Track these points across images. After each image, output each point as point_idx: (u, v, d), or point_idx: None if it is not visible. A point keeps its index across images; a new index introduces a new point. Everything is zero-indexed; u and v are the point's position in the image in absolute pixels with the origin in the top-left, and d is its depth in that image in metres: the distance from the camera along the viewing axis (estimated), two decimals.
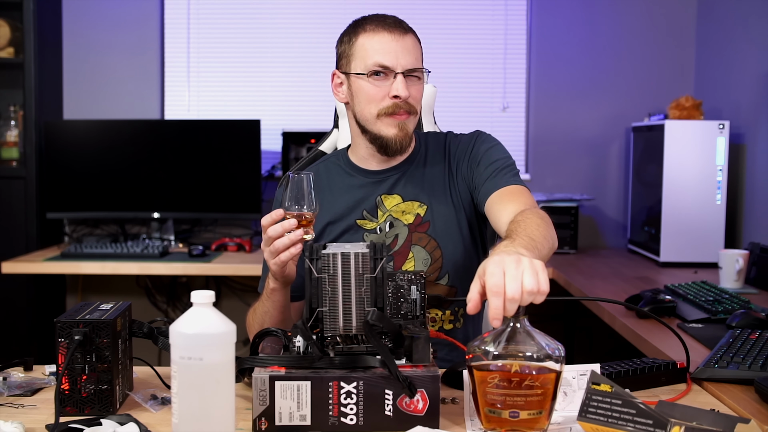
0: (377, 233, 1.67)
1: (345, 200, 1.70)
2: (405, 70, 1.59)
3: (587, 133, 3.66)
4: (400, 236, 1.67)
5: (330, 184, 1.73)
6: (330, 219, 1.69)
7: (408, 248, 1.66)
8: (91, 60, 3.65)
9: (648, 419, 1.04)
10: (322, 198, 1.69)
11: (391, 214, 1.68)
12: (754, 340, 1.59)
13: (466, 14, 3.64)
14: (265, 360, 1.22)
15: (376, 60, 1.60)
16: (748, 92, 3.07)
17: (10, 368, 1.46)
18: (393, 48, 1.59)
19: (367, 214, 1.69)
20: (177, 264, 3.13)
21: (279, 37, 3.67)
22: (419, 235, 1.67)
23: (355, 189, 1.71)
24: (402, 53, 1.60)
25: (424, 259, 1.66)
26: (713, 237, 2.98)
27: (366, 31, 1.62)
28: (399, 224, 1.67)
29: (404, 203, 1.69)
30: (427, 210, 1.68)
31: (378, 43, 1.60)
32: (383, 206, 1.69)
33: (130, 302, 1.39)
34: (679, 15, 3.61)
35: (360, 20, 1.66)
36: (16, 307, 3.34)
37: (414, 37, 1.64)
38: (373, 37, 1.61)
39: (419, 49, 1.65)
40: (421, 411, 1.18)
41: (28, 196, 3.38)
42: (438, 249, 1.66)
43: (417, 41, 1.65)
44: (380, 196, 1.69)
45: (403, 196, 1.69)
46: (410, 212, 1.68)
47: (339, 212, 1.69)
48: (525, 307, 1.15)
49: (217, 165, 3.43)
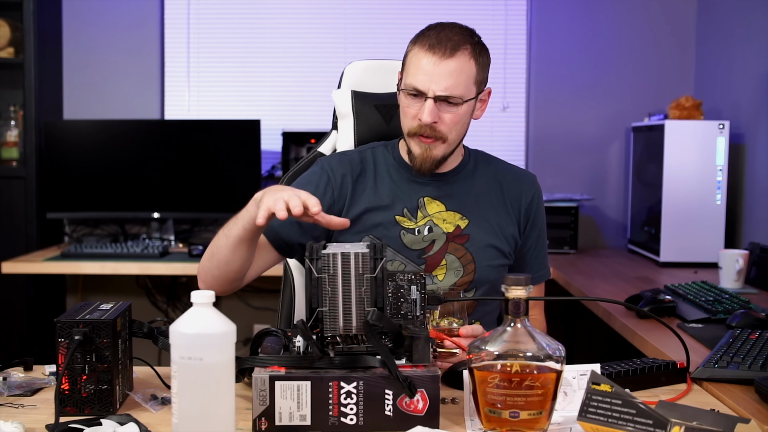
0: (415, 234, 1.67)
1: (387, 191, 1.70)
2: (436, 95, 1.57)
3: (587, 133, 3.66)
4: (437, 242, 1.67)
5: (376, 170, 1.73)
6: (369, 206, 1.69)
7: (442, 255, 1.67)
8: (91, 60, 3.65)
9: (648, 419, 1.04)
10: (365, 183, 1.71)
11: (432, 220, 1.69)
12: (754, 340, 1.59)
13: (466, 14, 3.64)
14: (265, 360, 1.22)
15: (411, 81, 1.59)
16: (748, 92, 3.07)
17: (10, 368, 1.46)
18: (430, 71, 1.56)
19: (408, 212, 1.69)
20: (177, 264, 3.13)
21: (279, 37, 3.67)
22: (456, 245, 1.68)
23: (399, 183, 1.71)
24: (438, 78, 1.56)
25: (457, 269, 1.67)
26: (713, 237, 2.98)
27: (415, 46, 1.60)
28: (438, 231, 1.68)
29: (446, 212, 1.70)
30: (468, 224, 1.69)
31: (418, 63, 1.58)
32: (425, 209, 1.69)
33: (130, 302, 1.38)
34: (679, 15, 3.61)
35: (421, 31, 1.62)
36: (16, 307, 3.34)
37: (464, 57, 1.57)
38: (417, 54, 1.59)
39: (465, 73, 1.58)
40: (421, 411, 1.18)
41: (28, 196, 3.38)
42: (472, 263, 1.68)
43: (467, 62, 1.58)
44: (423, 198, 1.70)
45: (446, 205, 1.70)
46: (451, 222, 1.69)
47: (380, 201, 1.69)
48: (526, 306, 1.15)
49: (217, 165, 3.43)
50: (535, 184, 1.78)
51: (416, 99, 1.60)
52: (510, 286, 1.15)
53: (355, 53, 3.55)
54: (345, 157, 1.75)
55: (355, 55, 3.49)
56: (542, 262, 1.79)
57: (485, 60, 1.63)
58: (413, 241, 1.67)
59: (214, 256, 1.57)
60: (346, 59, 3.16)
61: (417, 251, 1.67)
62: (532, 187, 1.77)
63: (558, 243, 3.35)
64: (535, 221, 1.76)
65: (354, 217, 1.68)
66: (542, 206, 1.78)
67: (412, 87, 1.58)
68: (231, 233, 1.52)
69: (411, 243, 1.67)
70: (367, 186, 1.70)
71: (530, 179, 1.79)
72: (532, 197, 1.76)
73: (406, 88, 1.60)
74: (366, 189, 1.70)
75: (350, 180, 1.70)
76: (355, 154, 1.76)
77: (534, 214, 1.76)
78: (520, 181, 1.77)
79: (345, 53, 3.60)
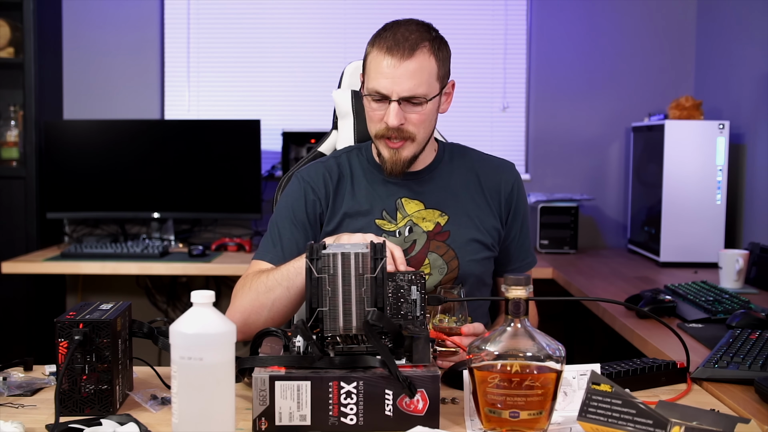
0: (396, 236, 1.67)
1: (364, 195, 1.70)
2: (400, 97, 1.56)
3: (587, 133, 3.66)
4: (417, 242, 1.67)
5: (352, 174, 1.72)
6: (348, 211, 1.69)
7: (425, 255, 1.67)
8: (91, 60, 3.65)
9: (648, 419, 1.04)
10: (343, 189, 1.70)
11: (412, 219, 1.68)
12: (754, 340, 1.59)
13: (466, 14, 3.65)
14: (265, 360, 1.22)
15: (373, 85, 1.58)
16: (748, 92, 3.07)
17: (10, 368, 1.46)
18: (391, 74, 1.55)
19: (387, 214, 1.69)
20: (177, 264, 3.13)
21: (279, 37, 3.67)
22: (437, 243, 1.67)
23: (375, 186, 1.71)
24: (400, 80, 1.55)
25: (441, 267, 1.67)
26: (713, 237, 2.98)
27: (374, 49, 1.59)
28: (418, 230, 1.67)
29: (425, 210, 1.69)
30: (448, 220, 1.69)
31: (378, 67, 1.57)
32: (404, 210, 1.69)
33: (130, 302, 1.38)
34: (679, 15, 3.61)
35: (377, 32, 1.61)
36: (16, 307, 3.34)
37: (423, 55, 1.56)
38: (376, 58, 1.58)
39: (427, 71, 1.56)
40: (421, 411, 1.18)
41: (28, 196, 3.38)
42: (455, 259, 1.67)
43: (427, 59, 1.56)
44: (401, 198, 1.70)
45: (425, 203, 1.70)
46: (430, 220, 1.68)
47: (359, 207, 1.69)
48: (526, 306, 1.15)
49: (217, 165, 3.43)
50: (514, 172, 1.76)
51: (380, 103, 1.59)
52: (510, 286, 1.15)
53: (355, 53, 3.54)
54: (321, 165, 1.74)
55: (355, 55, 3.46)
56: (528, 250, 1.78)
57: (445, 54, 1.62)
58: (396, 243, 1.65)
59: (269, 307, 1.52)
60: (346, 59, 3.16)
61: None
62: (511, 175, 1.75)
63: (558, 243, 3.35)
64: (516, 210, 1.74)
65: (335, 224, 1.68)
66: (523, 194, 1.76)
67: (375, 91, 1.58)
68: (294, 285, 1.49)
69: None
70: (345, 192, 1.70)
71: (508, 167, 1.76)
72: (512, 186, 1.74)
73: (370, 93, 1.59)
74: (345, 195, 1.70)
75: (331, 187, 1.70)
76: (331, 161, 1.75)
77: (515, 203, 1.74)
78: (497, 170, 1.75)
79: (345, 53, 3.60)
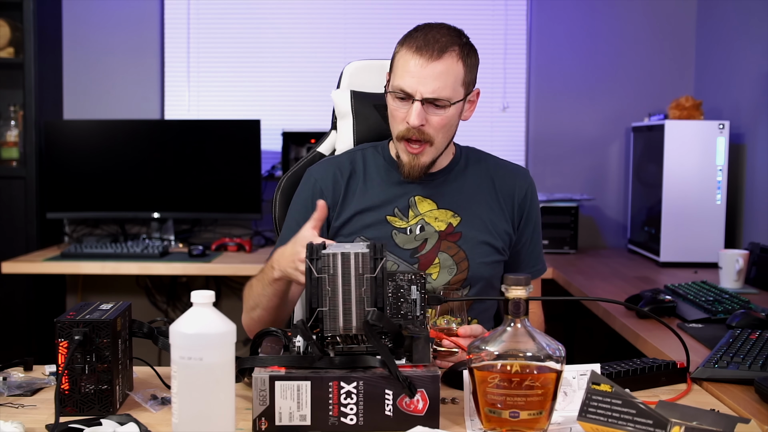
0: (407, 234, 1.67)
1: (378, 192, 1.70)
2: (424, 98, 1.56)
3: (587, 133, 3.66)
4: (429, 241, 1.67)
5: (366, 171, 1.72)
6: (360, 208, 1.69)
7: (435, 254, 1.67)
8: (91, 60, 3.65)
9: (648, 419, 1.04)
10: (355, 185, 1.71)
11: (424, 218, 1.68)
12: (754, 340, 1.59)
13: (466, 14, 3.64)
14: (265, 360, 1.22)
15: (398, 83, 1.58)
16: (748, 92, 3.07)
17: (10, 368, 1.46)
18: (417, 74, 1.55)
19: (399, 212, 1.69)
20: (177, 264, 3.13)
21: (279, 37, 3.67)
22: (448, 243, 1.67)
23: (390, 184, 1.71)
24: (426, 80, 1.55)
25: (450, 267, 1.67)
26: (713, 237, 2.98)
27: (403, 48, 1.59)
28: (430, 229, 1.68)
29: (438, 210, 1.69)
30: (461, 222, 1.69)
31: (405, 65, 1.57)
32: (416, 208, 1.69)
33: (130, 302, 1.38)
34: (679, 15, 3.61)
35: (408, 32, 1.61)
36: (16, 307, 3.34)
37: (451, 59, 1.56)
38: (404, 56, 1.58)
39: (453, 75, 1.57)
40: (421, 411, 1.18)
41: (28, 196, 3.38)
42: (465, 261, 1.67)
43: (455, 63, 1.57)
44: (414, 197, 1.70)
45: (438, 203, 1.70)
46: (443, 220, 1.69)
47: (370, 203, 1.69)
48: (526, 306, 1.15)
49: (217, 165, 3.43)
50: (528, 178, 1.77)
51: (404, 102, 1.59)
52: (510, 286, 1.15)
53: (354, 53, 3.55)
54: (333, 161, 1.75)
55: (355, 55, 3.48)
56: (538, 257, 1.78)
57: (473, 61, 1.62)
58: (405, 241, 1.67)
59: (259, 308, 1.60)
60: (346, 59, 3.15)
61: (409, 250, 1.67)
62: (525, 181, 1.76)
63: (558, 243, 3.34)
64: (529, 216, 1.75)
65: (345, 219, 1.68)
66: (536, 200, 1.77)
67: (400, 89, 1.58)
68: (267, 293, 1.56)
69: (403, 242, 1.67)
70: (357, 188, 1.71)
71: (523, 174, 1.77)
72: (526, 192, 1.75)
73: (394, 91, 1.60)
74: (356, 191, 1.70)
75: (342, 183, 1.70)
76: (344, 157, 1.76)
77: (528, 209, 1.74)
78: (512, 176, 1.76)
79: (345, 53, 3.60)
